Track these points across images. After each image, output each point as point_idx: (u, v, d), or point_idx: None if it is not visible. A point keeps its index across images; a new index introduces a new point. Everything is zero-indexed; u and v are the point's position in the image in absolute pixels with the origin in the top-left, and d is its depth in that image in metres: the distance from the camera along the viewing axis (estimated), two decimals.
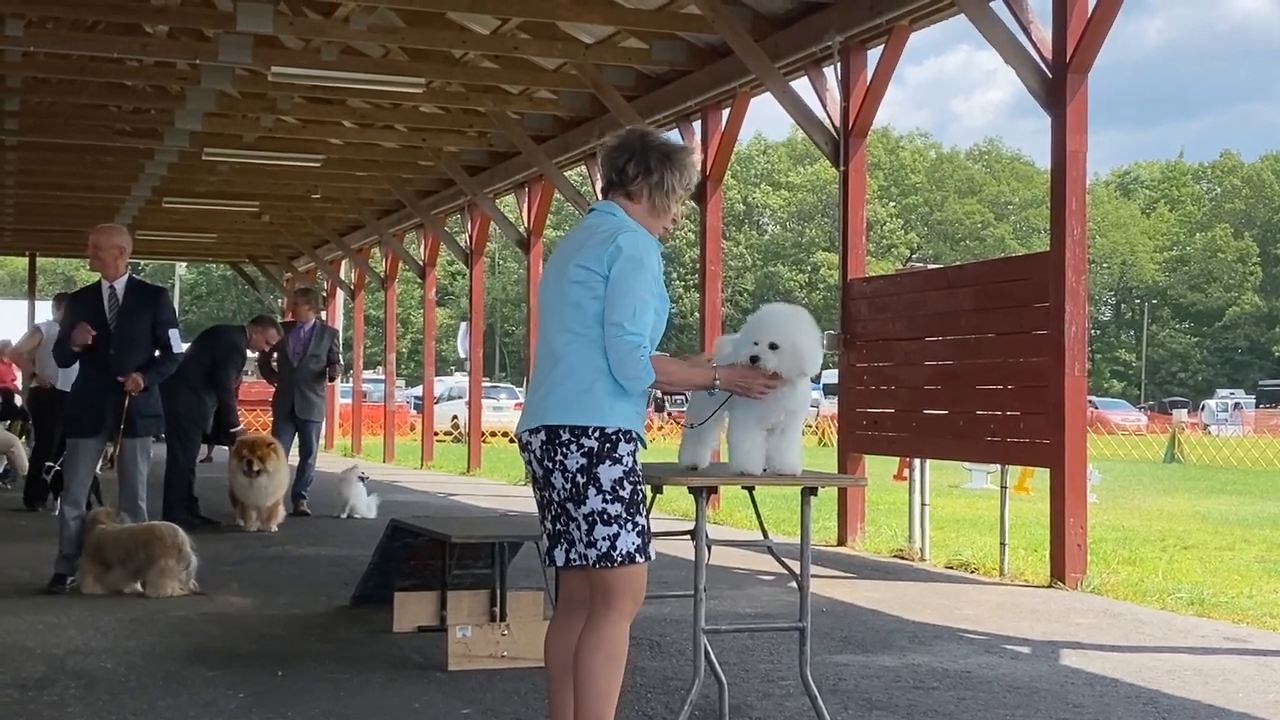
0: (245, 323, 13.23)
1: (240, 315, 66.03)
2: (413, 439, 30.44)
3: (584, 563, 4.10)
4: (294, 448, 13.48)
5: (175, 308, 11.86)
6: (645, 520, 4.17)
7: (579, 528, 4.10)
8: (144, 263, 65.22)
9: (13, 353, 16.06)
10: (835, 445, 12.70)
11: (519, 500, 14.73)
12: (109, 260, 8.35)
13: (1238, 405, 59.18)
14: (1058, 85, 9.17)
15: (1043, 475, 9.73)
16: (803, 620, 4.78)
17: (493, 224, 21.34)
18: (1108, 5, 8.86)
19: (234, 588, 8.53)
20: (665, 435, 32.93)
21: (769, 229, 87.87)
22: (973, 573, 9.78)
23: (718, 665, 5.09)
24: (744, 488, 4.83)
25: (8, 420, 16.81)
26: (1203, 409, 60.11)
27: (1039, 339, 9.32)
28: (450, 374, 53.02)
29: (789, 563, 4.99)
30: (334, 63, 14.63)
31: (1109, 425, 38.76)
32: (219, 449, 16.50)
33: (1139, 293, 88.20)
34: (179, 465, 12.15)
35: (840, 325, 11.65)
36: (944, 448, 10.74)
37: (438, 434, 28.87)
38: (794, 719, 5.33)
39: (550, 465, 4.12)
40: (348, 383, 29.71)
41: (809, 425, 36.37)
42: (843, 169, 11.54)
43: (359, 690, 5.72)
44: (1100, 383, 79.33)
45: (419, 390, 32.02)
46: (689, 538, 4.75)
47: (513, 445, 17.79)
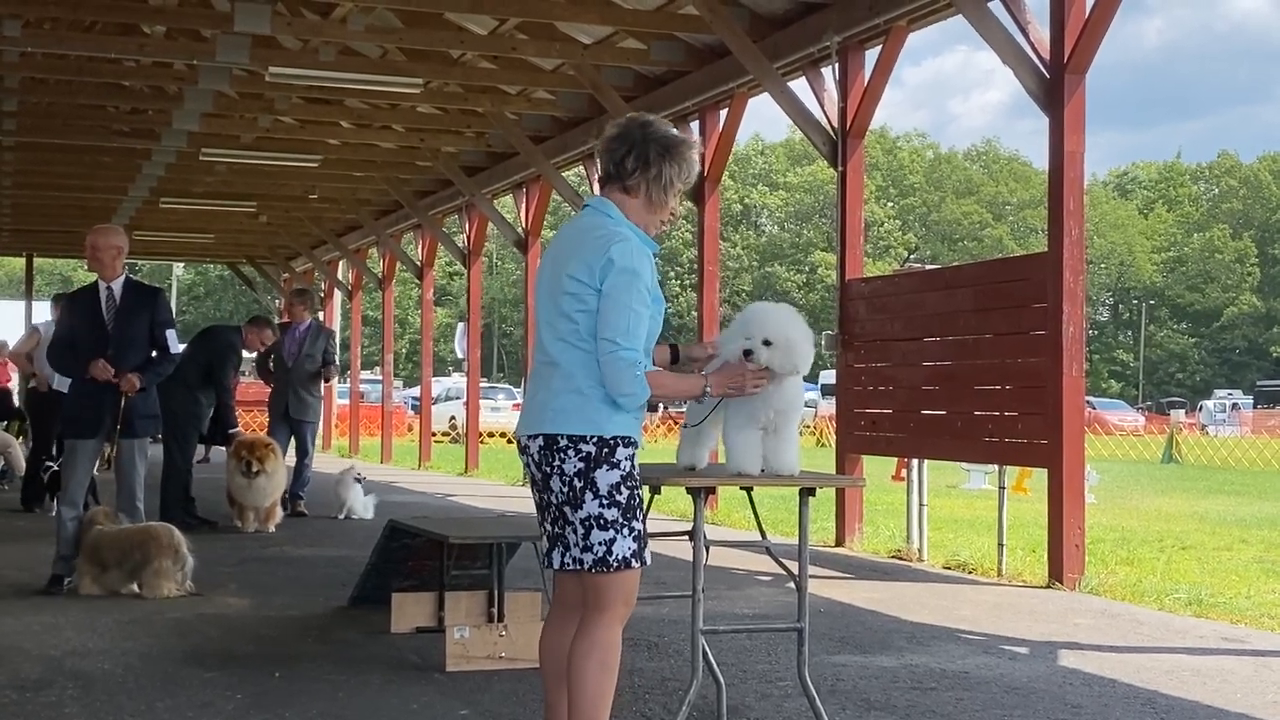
0: (241, 323, 13.23)
1: (237, 316, 65.96)
2: (410, 439, 30.44)
3: (579, 567, 4.10)
4: (290, 449, 13.48)
5: (172, 308, 11.84)
6: (642, 525, 4.17)
7: (575, 531, 4.10)
8: (141, 263, 65.23)
9: (11, 353, 16.06)
10: (833, 446, 12.70)
11: (517, 501, 14.71)
12: (106, 261, 8.35)
13: (1235, 406, 59.19)
14: (1055, 86, 9.17)
15: (1040, 476, 9.72)
16: (801, 621, 4.78)
17: (490, 224, 21.33)
18: (1106, 6, 8.86)
19: (231, 588, 8.53)
20: (664, 435, 32.90)
21: (767, 229, 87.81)
22: (970, 573, 9.78)
23: (716, 666, 5.08)
24: (742, 488, 4.83)
25: (5, 421, 16.79)
26: (1200, 409, 60.08)
27: (1037, 339, 9.32)
28: (448, 374, 52.97)
29: (787, 563, 4.99)
30: (332, 63, 14.64)
31: (1107, 426, 38.73)
32: (217, 450, 16.49)
33: (1137, 293, 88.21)
34: (176, 466, 12.16)
35: (838, 326, 11.64)
36: (942, 448, 10.73)
37: (435, 434, 28.82)
38: (792, 719, 5.34)
39: (549, 469, 4.12)
40: (345, 383, 29.70)
41: (807, 426, 36.41)
42: (841, 169, 11.54)
43: (357, 691, 5.71)
44: (1098, 383, 79.33)
45: (417, 391, 32.04)
46: (687, 538, 4.76)
47: (510, 446, 17.83)
